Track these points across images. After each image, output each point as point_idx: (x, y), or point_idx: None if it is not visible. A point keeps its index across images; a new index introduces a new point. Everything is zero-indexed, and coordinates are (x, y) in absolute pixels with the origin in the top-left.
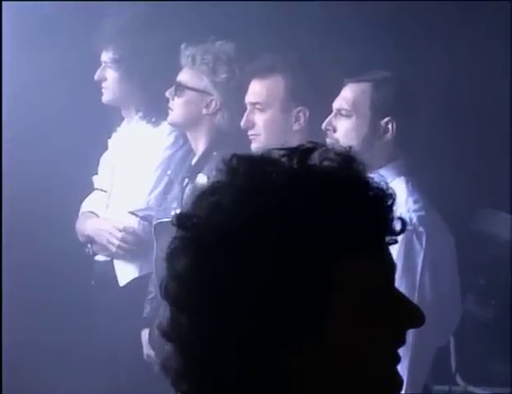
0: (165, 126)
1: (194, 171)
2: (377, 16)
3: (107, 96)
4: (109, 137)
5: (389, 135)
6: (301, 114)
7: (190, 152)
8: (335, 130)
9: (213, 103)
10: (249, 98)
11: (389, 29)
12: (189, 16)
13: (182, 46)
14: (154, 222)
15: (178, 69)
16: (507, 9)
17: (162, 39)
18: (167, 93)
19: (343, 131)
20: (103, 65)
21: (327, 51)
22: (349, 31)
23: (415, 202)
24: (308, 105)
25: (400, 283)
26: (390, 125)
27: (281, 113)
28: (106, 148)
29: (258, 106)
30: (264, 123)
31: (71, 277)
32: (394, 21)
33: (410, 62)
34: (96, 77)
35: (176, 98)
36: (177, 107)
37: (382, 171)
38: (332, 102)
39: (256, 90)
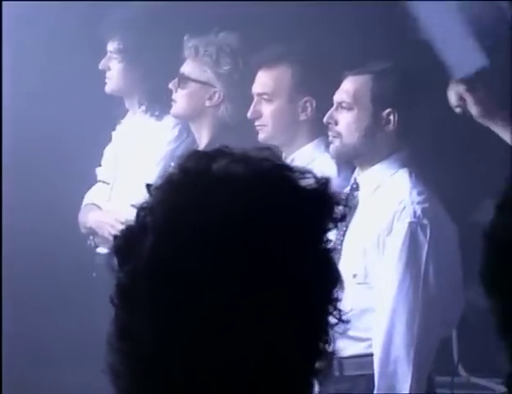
0: (169, 120)
1: None
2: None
3: (110, 86)
4: (113, 129)
5: (391, 127)
6: (308, 104)
7: (194, 145)
8: (336, 123)
9: (216, 95)
10: (256, 88)
11: (390, 22)
12: (195, 9)
13: (185, 37)
14: None
15: (182, 62)
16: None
17: (168, 33)
18: (171, 85)
19: (345, 124)
20: (108, 54)
21: (332, 42)
22: (351, 23)
23: (419, 194)
24: (314, 95)
25: (404, 275)
26: (391, 117)
27: (288, 103)
28: (110, 140)
29: (265, 96)
30: (271, 113)
31: (73, 269)
32: (394, 14)
33: (413, 55)
34: (100, 66)
35: (179, 89)
36: (180, 98)
37: (385, 163)
38: None
39: (263, 81)
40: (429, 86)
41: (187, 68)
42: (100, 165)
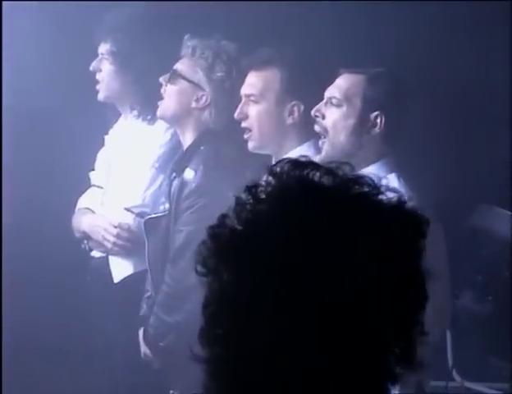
0: (161, 124)
1: (181, 165)
2: (375, 13)
3: (102, 93)
4: (106, 133)
5: (377, 129)
6: (295, 108)
7: (180, 148)
8: (323, 118)
9: (204, 98)
10: (245, 89)
11: (387, 25)
12: (190, 16)
13: (186, 37)
14: (144, 219)
15: None
16: (507, 9)
17: (162, 36)
18: (161, 79)
19: (331, 120)
20: (100, 56)
21: (325, 46)
22: (347, 26)
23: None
24: (303, 100)
25: None
26: (378, 120)
27: (275, 106)
28: (103, 145)
29: (252, 98)
30: (257, 115)
31: (67, 273)
32: (393, 18)
33: (408, 59)
34: (91, 68)
35: (168, 84)
36: (168, 95)
37: (373, 167)
38: None
39: (252, 82)
40: (419, 94)
41: (181, 66)
42: (93, 169)
